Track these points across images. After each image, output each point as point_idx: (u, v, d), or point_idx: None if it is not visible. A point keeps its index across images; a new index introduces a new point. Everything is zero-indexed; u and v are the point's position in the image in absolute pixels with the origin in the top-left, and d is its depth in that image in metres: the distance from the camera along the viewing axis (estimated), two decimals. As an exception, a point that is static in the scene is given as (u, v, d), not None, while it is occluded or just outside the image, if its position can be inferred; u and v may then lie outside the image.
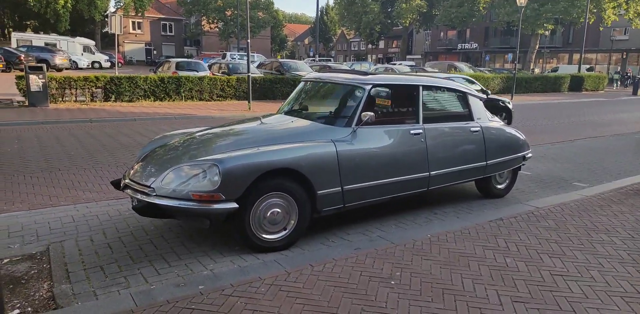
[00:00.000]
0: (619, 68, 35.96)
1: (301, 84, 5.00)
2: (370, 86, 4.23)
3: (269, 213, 3.64)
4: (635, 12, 34.14)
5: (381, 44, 66.27)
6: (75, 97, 13.37)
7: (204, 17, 51.80)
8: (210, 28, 52.45)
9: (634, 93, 26.99)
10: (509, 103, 11.35)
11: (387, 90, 4.63)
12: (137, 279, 3.17)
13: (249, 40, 13.71)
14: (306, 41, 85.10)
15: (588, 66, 39.38)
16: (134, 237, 3.97)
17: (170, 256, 3.57)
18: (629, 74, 29.42)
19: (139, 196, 3.57)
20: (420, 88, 4.58)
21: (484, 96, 5.24)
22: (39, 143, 7.86)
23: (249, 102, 13.72)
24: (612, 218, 4.40)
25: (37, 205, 4.74)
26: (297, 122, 4.33)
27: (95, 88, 13.54)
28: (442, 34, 60.93)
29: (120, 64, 42.59)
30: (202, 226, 3.55)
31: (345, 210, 4.07)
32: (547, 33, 39.87)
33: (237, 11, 42.98)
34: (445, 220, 4.53)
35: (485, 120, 5.14)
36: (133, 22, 55.50)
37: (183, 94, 14.66)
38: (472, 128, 4.90)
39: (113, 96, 13.60)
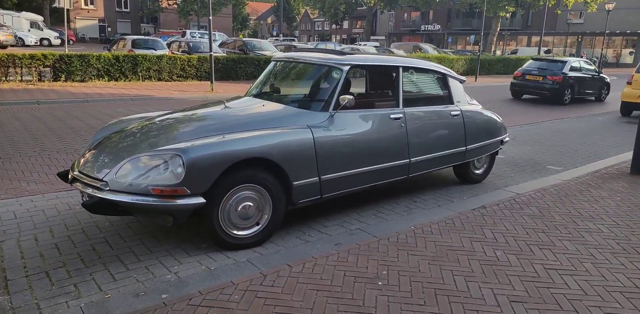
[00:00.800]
0: (574, 50, 36.87)
1: (271, 64, 4.59)
2: (349, 67, 3.88)
3: (239, 208, 3.29)
4: (592, -4, 34.96)
5: (345, 24, 65.51)
6: (21, 77, 12.34)
7: (161, -7, 49.44)
8: (169, 4, 50.12)
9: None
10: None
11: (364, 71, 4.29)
12: (90, 287, 2.76)
13: (210, 17, 12.97)
14: (269, 20, 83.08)
15: (546, 48, 40.27)
16: (85, 235, 3.53)
17: (128, 258, 3.17)
18: (583, 57, 30.17)
19: (89, 191, 3.13)
20: (400, 69, 4.27)
21: (464, 78, 4.99)
22: (-23, 128, 7.11)
23: (211, 83, 13.07)
24: (594, 204, 4.29)
25: (-28, 200, 4.19)
26: (269, 106, 3.94)
27: (43, 67, 12.53)
28: (405, 15, 60.75)
29: (71, 41, 40.22)
30: (164, 223, 3.15)
31: (322, 201, 3.77)
32: (508, 15, 40.31)
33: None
34: (426, 208, 4.30)
35: (464, 103, 4.91)
36: (85, -3, 52.33)
37: (140, 74, 13.82)
38: (452, 112, 4.66)
39: (63, 76, 12.64)
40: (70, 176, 3.43)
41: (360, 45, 34.21)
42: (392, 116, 4.13)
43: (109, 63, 13.36)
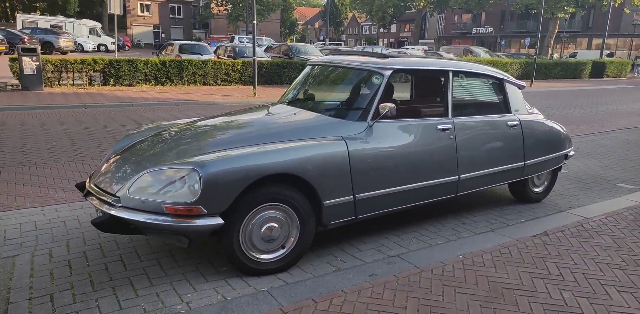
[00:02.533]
0: (641, 53, 34.40)
1: (307, 68, 4.23)
2: (390, 71, 3.45)
3: (263, 229, 2.94)
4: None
5: (393, 28, 64.63)
6: (72, 81, 12.69)
7: (213, 0, 50.61)
8: (219, 11, 51.29)
9: (659, 80, 25.71)
10: None
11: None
12: (92, 317, 2.49)
13: (255, 22, 12.85)
14: (317, 25, 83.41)
15: (608, 52, 37.81)
16: (101, 252, 3.29)
17: (140, 281, 2.89)
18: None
19: (102, 207, 2.87)
20: (450, 73, 3.80)
21: (523, 84, 4.44)
22: (21, 132, 7.19)
23: (254, 87, 12.93)
24: (681, 234, 3.63)
25: (-2, 208, 4.08)
26: (301, 115, 3.57)
27: (94, 72, 12.84)
28: (456, 17, 59.08)
29: (127, 47, 41.90)
30: (179, 245, 2.85)
31: (357, 221, 3.36)
32: (567, 16, 38.25)
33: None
34: (477, 232, 3.79)
35: (523, 111, 4.35)
36: (141, 5, 54.48)
37: (185, 78, 13.91)
38: (509, 122, 4.12)
39: (112, 80, 12.89)
40: (85, 188, 3.21)
41: (407, 48, 33.46)
42: (439, 126, 3.66)
43: (155, 68, 13.51)
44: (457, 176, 3.72)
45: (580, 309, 2.52)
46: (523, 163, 4.17)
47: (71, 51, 29.21)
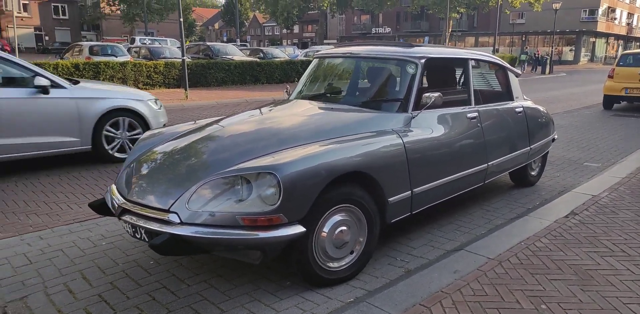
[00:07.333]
0: (527, 48, 38.30)
1: (315, 62, 3.98)
2: (424, 59, 3.35)
3: (335, 234, 2.67)
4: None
5: (296, 29, 65.13)
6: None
7: (103, -1, 47.01)
8: (112, 11, 47.71)
9: (543, 72, 28.77)
10: None
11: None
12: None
13: (181, 19, 12.06)
14: (216, 26, 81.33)
15: (491, 48, 41.58)
16: (132, 280, 2.78)
17: (206, 308, 2.47)
18: (537, 55, 31.26)
19: (153, 226, 2.41)
20: (470, 62, 3.80)
21: (519, 72, 4.60)
22: None
23: (185, 90, 12.14)
24: (678, 203, 3.99)
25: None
26: (336, 110, 3.32)
27: (-8, 78, 11.16)
28: (355, 18, 61.20)
29: (7, 51, 37.30)
30: (250, 261, 2.48)
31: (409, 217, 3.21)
32: (458, 17, 41.41)
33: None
34: (508, 218, 3.83)
35: (521, 98, 4.51)
36: (18, 4, 48.86)
37: (103, 83, 12.65)
38: (516, 109, 4.24)
39: (16, 87, 11.30)
40: (114, 206, 2.68)
41: (319, 50, 33.82)
42: (468, 115, 3.64)
43: (67, 73, 12.11)
44: (486, 164, 3.74)
45: (666, 281, 2.62)
46: (529, 147, 4.32)
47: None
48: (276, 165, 2.39)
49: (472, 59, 3.82)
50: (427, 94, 3.15)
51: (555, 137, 5.02)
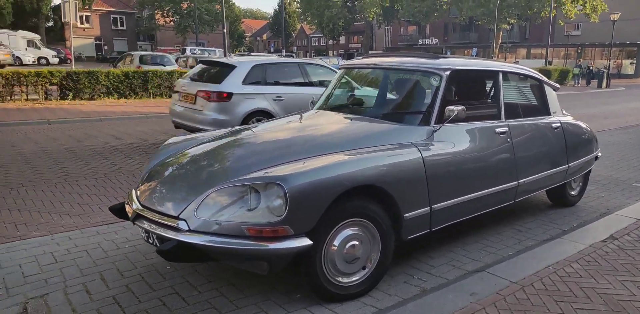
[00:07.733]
0: (580, 61, 36.75)
1: (340, 72, 3.96)
2: (449, 71, 3.25)
3: (346, 248, 2.61)
4: (592, 7, 35.05)
5: (342, 39, 65.58)
6: (27, 95, 11.69)
7: (158, 10, 49.18)
8: (166, 22, 49.88)
9: (599, 86, 27.46)
10: None
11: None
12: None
13: (224, 30, 12.47)
14: (264, 37, 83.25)
15: (542, 61, 40.11)
16: (146, 284, 2.83)
17: (213, 318, 2.47)
18: (590, 68, 29.91)
19: (162, 232, 2.45)
20: (500, 74, 3.66)
21: (557, 85, 4.39)
22: (-12, 151, 6.41)
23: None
24: None
25: (-2, 239, 3.48)
26: (357, 121, 3.28)
27: (50, 85, 11.87)
28: (402, 29, 60.89)
29: (69, 60, 39.68)
30: (257, 272, 2.47)
31: (428, 235, 3.10)
32: (508, 28, 40.38)
33: (193, 4, 40.98)
34: (540, 240, 3.62)
35: (560, 113, 4.29)
36: (80, 16, 52.01)
37: (151, 91, 13.21)
38: (553, 124, 4.03)
39: (71, 94, 11.98)
40: (130, 211, 2.75)
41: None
42: (497, 130, 3.49)
43: (118, 80, 12.74)
44: (516, 182, 3.56)
45: None
46: (567, 165, 4.09)
47: (9, 65, 27.22)
48: (284, 176, 2.38)
49: (502, 71, 3.68)
50: (450, 107, 3.06)
51: (599, 154, 4.73)
